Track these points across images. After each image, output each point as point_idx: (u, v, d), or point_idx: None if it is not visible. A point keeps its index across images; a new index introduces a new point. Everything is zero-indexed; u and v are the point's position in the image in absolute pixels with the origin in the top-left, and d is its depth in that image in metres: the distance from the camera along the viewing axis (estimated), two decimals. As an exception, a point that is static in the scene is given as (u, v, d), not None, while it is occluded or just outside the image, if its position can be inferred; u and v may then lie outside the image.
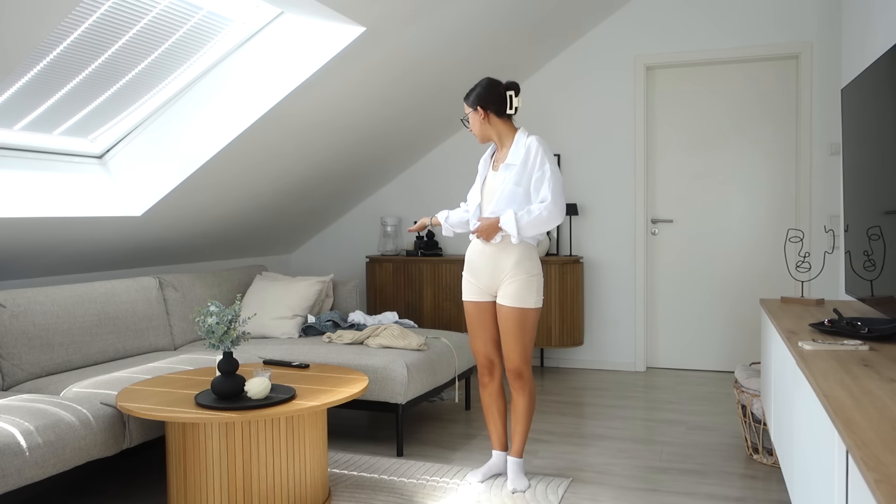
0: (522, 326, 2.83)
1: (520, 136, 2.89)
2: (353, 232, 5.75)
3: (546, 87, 5.18)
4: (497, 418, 3.04)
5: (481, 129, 2.92)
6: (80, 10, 2.74)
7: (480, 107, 2.89)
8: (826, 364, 1.79)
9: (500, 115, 2.90)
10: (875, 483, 1.00)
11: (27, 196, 3.22)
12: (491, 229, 2.81)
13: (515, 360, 2.86)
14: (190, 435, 2.49)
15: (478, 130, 2.93)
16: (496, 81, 2.92)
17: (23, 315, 3.08)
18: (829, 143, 4.62)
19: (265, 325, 4.02)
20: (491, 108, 2.88)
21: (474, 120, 2.92)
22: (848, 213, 2.87)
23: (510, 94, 2.88)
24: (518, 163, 2.82)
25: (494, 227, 2.81)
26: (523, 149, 2.83)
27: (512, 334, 2.84)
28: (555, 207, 2.76)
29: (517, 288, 2.82)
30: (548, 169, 2.79)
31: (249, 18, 3.35)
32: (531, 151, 2.81)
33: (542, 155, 2.81)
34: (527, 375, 2.90)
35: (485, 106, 2.88)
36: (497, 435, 3.05)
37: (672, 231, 5.04)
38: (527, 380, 2.90)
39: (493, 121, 2.91)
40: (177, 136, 3.65)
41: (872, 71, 2.40)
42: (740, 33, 4.73)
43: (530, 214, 2.76)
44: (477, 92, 2.90)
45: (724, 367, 4.97)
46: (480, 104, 2.88)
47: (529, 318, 2.84)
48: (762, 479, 3.00)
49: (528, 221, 2.76)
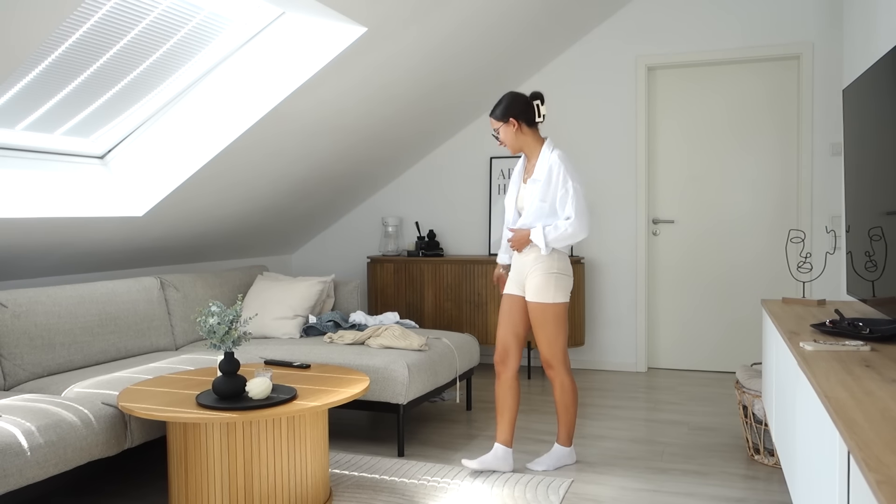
0: (543, 320, 3.01)
1: (545, 149, 3.04)
2: (355, 232, 5.75)
3: (547, 87, 5.18)
4: (504, 411, 3.11)
5: (514, 139, 3.05)
6: (82, 11, 2.74)
7: (513, 118, 3.02)
8: (827, 365, 1.79)
9: (531, 124, 3.05)
10: (877, 484, 1.00)
11: (29, 196, 3.22)
12: (523, 241, 3.02)
13: (543, 351, 3.06)
14: (191, 435, 2.49)
15: (511, 142, 3.05)
16: (520, 93, 3.06)
17: (24, 315, 3.09)
18: (831, 144, 4.62)
19: (266, 325, 4.02)
20: (522, 118, 3.03)
21: (507, 132, 3.04)
22: (849, 214, 2.86)
23: (537, 104, 3.04)
24: (543, 178, 2.98)
25: (526, 239, 3.01)
26: (547, 164, 2.99)
27: (537, 327, 3.04)
28: (579, 224, 2.94)
29: (536, 284, 3.01)
30: (570, 186, 2.95)
31: (250, 19, 3.35)
32: (554, 169, 2.97)
33: (565, 172, 2.96)
34: (557, 367, 3.07)
35: (516, 116, 3.02)
36: (501, 428, 3.12)
37: (673, 231, 5.04)
38: (557, 371, 3.08)
39: (525, 130, 3.05)
40: (178, 137, 3.65)
41: (874, 71, 2.40)
42: (741, 34, 4.73)
43: (556, 230, 2.95)
44: (505, 104, 3.03)
45: (725, 367, 4.97)
46: (512, 115, 3.02)
47: (549, 313, 3.00)
48: (763, 480, 3.00)
49: (555, 237, 2.96)
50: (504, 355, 3.11)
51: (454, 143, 5.45)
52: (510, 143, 3.06)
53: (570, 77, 5.12)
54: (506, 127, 3.03)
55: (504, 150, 5.31)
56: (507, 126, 3.03)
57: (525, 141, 3.06)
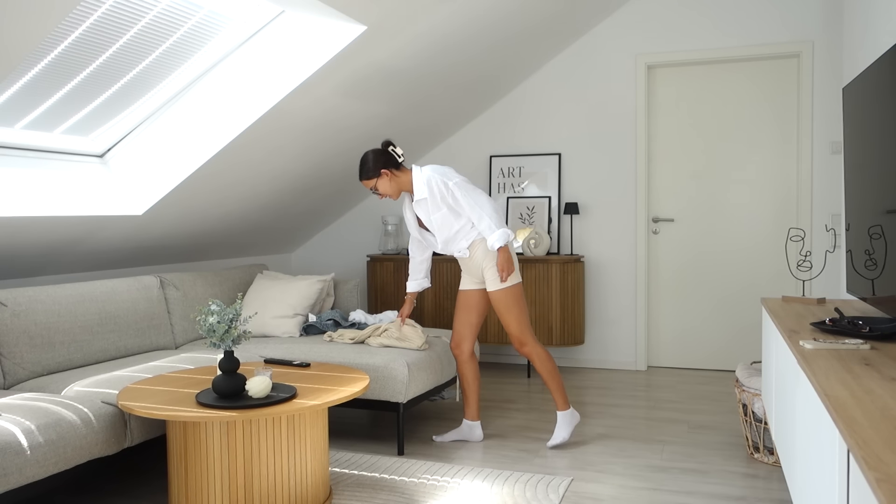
0: (508, 303, 3.29)
1: (415, 173, 3.32)
2: (354, 231, 5.75)
3: (547, 85, 5.18)
4: (469, 388, 3.50)
5: (392, 186, 3.33)
6: (81, 9, 2.74)
7: (383, 169, 3.30)
8: (827, 363, 1.79)
9: (398, 167, 3.34)
10: (876, 482, 1.00)
11: (28, 195, 3.22)
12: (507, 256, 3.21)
13: (514, 332, 3.33)
14: (191, 434, 2.49)
15: (391, 189, 3.33)
16: (374, 149, 3.33)
17: (24, 314, 3.09)
18: (831, 142, 4.62)
19: (266, 323, 4.02)
20: (390, 165, 3.31)
21: (384, 183, 3.32)
22: (849, 212, 2.86)
23: (392, 148, 3.34)
24: (426, 195, 3.27)
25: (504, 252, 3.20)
26: (424, 183, 3.27)
27: (504, 311, 3.31)
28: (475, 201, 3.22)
29: (494, 274, 3.29)
30: (451, 186, 3.23)
31: (250, 17, 3.35)
32: (430, 182, 3.26)
33: (440, 179, 3.25)
34: (529, 342, 3.34)
35: (385, 166, 3.30)
36: (469, 405, 3.51)
37: (673, 230, 5.04)
38: (531, 346, 3.34)
39: (396, 174, 3.33)
40: (178, 135, 3.65)
41: (874, 69, 2.40)
42: (741, 32, 4.73)
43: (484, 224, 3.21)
44: (371, 162, 3.30)
45: (724, 366, 4.97)
46: (381, 167, 3.30)
47: (511, 296, 3.29)
48: (763, 479, 3.00)
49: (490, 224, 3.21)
50: (459, 341, 3.48)
51: (454, 142, 5.44)
52: (391, 190, 3.33)
53: (570, 75, 5.12)
54: (380, 180, 3.30)
55: (504, 150, 5.31)
56: (382, 178, 3.30)
57: (400, 182, 3.34)
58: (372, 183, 3.32)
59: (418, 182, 3.29)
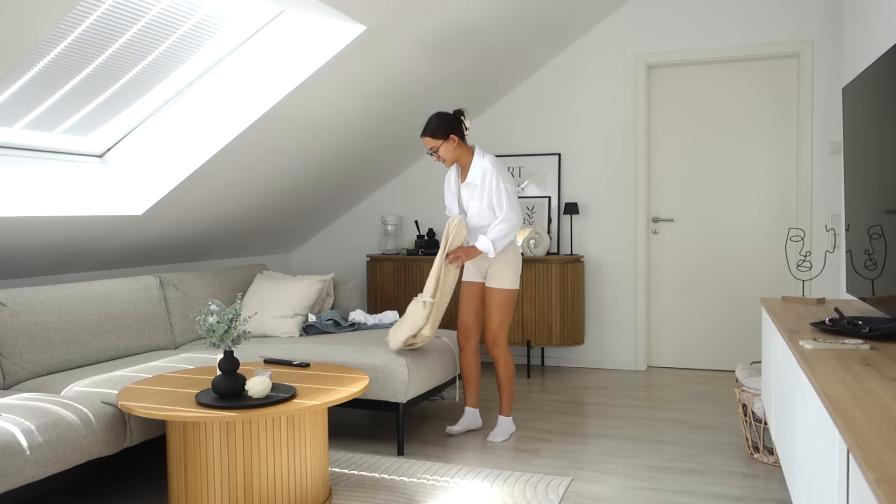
0: (499, 303, 3.44)
1: (477, 156, 3.41)
2: (354, 231, 5.75)
3: (547, 86, 5.17)
4: (472, 379, 3.59)
5: (454, 154, 3.39)
6: (81, 9, 2.74)
7: (453, 135, 3.36)
8: (827, 363, 1.79)
9: (463, 137, 3.42)
10: (876, 482, 1.00)
11: (28, 195, 3.22)
12: (471, 254, 3.36)
13: (492, 329, 3.46)
14: (191, 434, 2.49)
15: (450, 156, 3.39)
16: (447, 112, 3.41)
17: (23, 314, 3.09)
18: (830, 142, 4.62)
19: (266, 323, 4.02)
20: (458, 133, 3.38)
21: (447, 148, 3.36)
22: (849, 212, 2.86)
23: (463, 118, 3.41)
24: (478, 182, 3.37)
25: (475, 252, 3.36)
26: (480, 170, 3.37)
27: (493, 308, 3.45)
28: (510, 221, 3.32)
29: (498, 271, 3.42)
30: (502, 187, 3.33)
31: (250, 17, 3.35)
32: (486, 173, 3.35)
33: (497, 175, 3.34)
34: (501, 344, 3.48)
35: (454, 132, 3.36)
36: (471, 394, 3.62)
37: (673, 230, 5.04)
38: (501, 349, 3.48)
39: (461, 144, 3.40)
40: (178, 135, 3.65)
41: (874, 70, 2.40)
42: (741, 32, 4.73)
43: (494, 232, 3.32)
44: (441, 123, 3.35)
45: (724, 366, 4.97)
46: (451, 132, 3.35)
47: (505, 297, 3.44)
48: (763, 479, 3.00)
49: (496, 238, 3.32)
50: (467, 333, 3.55)
51: (454, 142, 5.44)
52: (450, 157, 3.38)
53: (570, 75, 5.12)
54: (446, 144, 3.35)
55: (504, 150, 5.31)
56: (448, 143, 3.35)
57: (461, 153, 3.41)
58: (437, 143, 3.35)
59: (476, 167, 3.38)
